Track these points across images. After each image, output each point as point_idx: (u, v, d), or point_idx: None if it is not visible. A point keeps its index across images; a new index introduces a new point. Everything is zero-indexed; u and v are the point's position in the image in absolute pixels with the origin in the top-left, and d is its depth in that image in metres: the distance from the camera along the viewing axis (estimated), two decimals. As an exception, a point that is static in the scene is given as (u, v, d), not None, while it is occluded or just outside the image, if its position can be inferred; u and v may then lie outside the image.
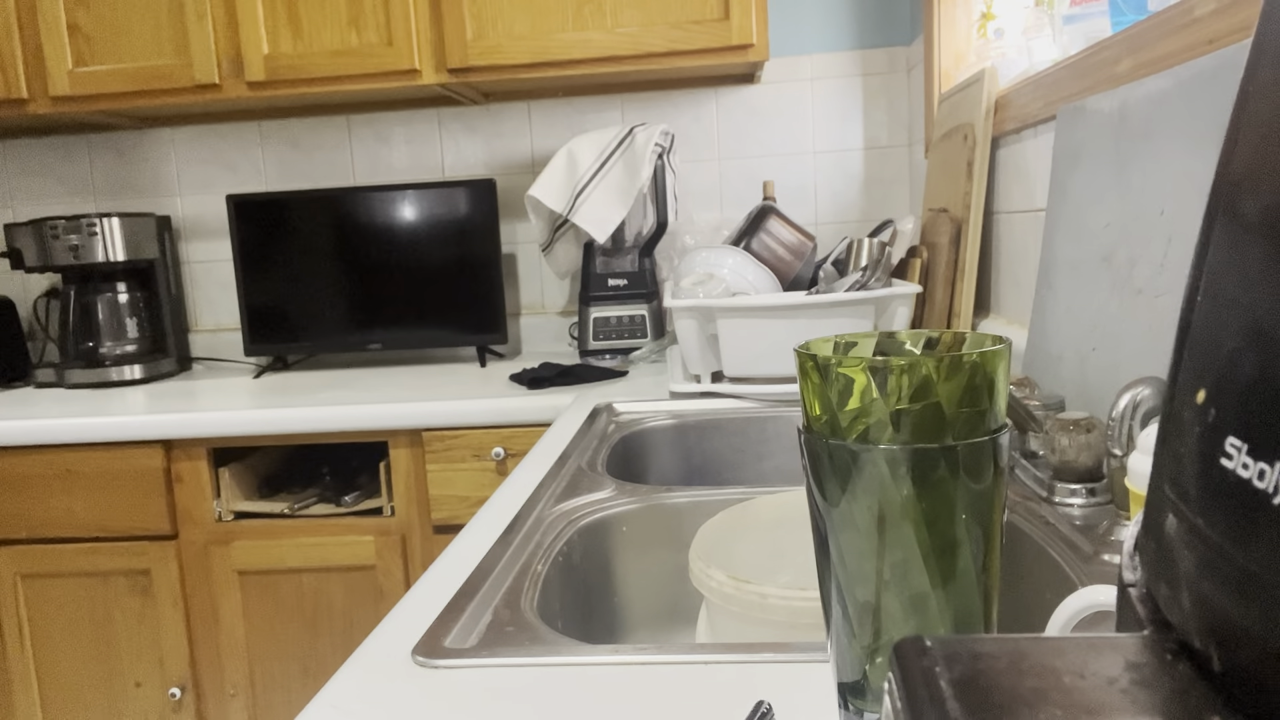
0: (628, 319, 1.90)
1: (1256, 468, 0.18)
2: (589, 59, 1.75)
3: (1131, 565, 0.25)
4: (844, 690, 0.40)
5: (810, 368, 0.37)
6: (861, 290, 1.31)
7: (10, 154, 2.21)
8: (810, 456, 0.38)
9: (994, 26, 1.49)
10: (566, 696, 0.53)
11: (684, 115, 2.07)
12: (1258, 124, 0.20)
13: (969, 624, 0.37)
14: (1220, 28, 0.73)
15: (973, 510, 0.36)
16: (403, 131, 2.13)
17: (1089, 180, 0.96)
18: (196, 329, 2.24)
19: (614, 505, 0.91)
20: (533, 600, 0.69)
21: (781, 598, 0.60)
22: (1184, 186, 0.77)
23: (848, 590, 0.38)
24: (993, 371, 0.36)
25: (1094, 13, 1.07)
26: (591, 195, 1.79)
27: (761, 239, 1.56)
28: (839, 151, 2.05)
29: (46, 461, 1.61)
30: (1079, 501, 0.76)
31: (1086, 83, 1.01)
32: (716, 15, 1.72)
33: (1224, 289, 0.21)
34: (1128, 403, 0.68)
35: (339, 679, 0.57)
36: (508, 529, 0.82)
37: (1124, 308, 0.85)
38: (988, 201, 1.39)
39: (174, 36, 1.82)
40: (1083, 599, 0.43)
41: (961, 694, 0.20)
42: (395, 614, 0.66)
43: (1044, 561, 0.71)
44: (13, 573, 1.65)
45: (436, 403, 1.56)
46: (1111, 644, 0.22)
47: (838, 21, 2.01)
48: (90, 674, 1.68)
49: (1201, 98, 0.75)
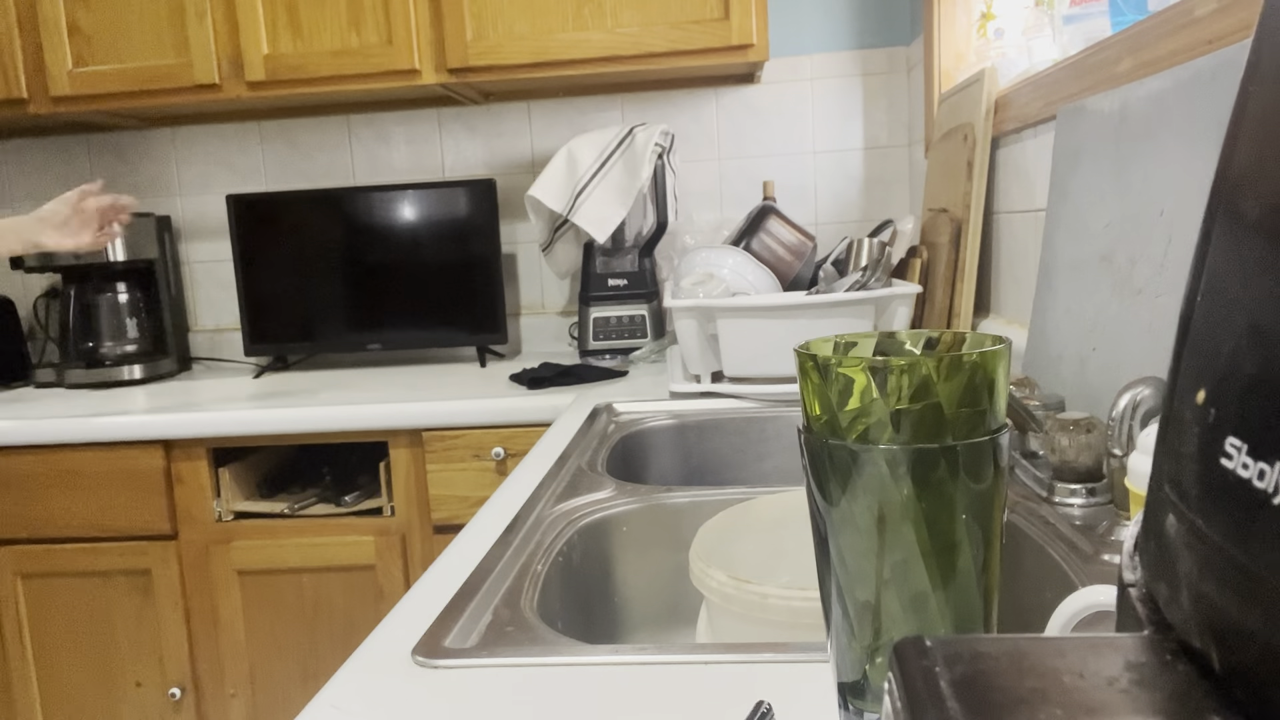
0: (628, 319, 1.90)
1: (1256, 468, 0.18)
2: (589, 59, 1.75)
3: (1131, 565, 0.25)
4: (844, 690, 0.40)
5: (810, 368, 0.37)
6: (861, 290, 1.31)
7: (10, 154, 2.21)
8: (810, 456, 0.38)
9: (994, 26, 1.49)
10: (566, 696, 0.53)
11: (684, 115, 2.07)
12: (1258, 124, 0.20)
13: (969, 624, 0.37)
14: (1220, 28, 0.73)
15: (973, 510, 0.36)
16: (403, 131, 2.13)
17: (1089, 180, 0.96)
18: (196, 329, 2.24)
19: (614, 505, 0.91)
20: (533, 600, 0.69)
21: (781, 598, 0.60)
22: (1184, 186, 0.77)
23: (848, 590, 0.38)
24: (993, 371, 0.36)
25: (1094, 13, 1.07)
26: (591, 195, 1.79)
27: (761, 239, 1.56)
28: (839, 151, 2.05)
29: (46, 461, 1.61)
30: (1079, 501, 0.76)
31: (1086, 83, 1.01)
32: (716, 15, 1.72)
33: (1224, 289, 0.21)
34: (1128, 403, 0.68)
35: (339, 679, 0.57)
36: (508, 529, 0.82)
37: (1124, 308, 0.85)
38: (988, 201, 1.39)
39: (174, 37, 1.82)
40: (1083, 599, 0.43)
41: (961, 694, 0.20)
42: (395, 614, 0.66)
43: (1044, 561, 0.71)
44: (13, 573, 1.65)
45: (436, 403, 1.56)
46: (1111, 644, 0.22)
47: (837, 21, 2.01)
48: (90, 674, 1.68)
49: (1201, 98, 0.75)
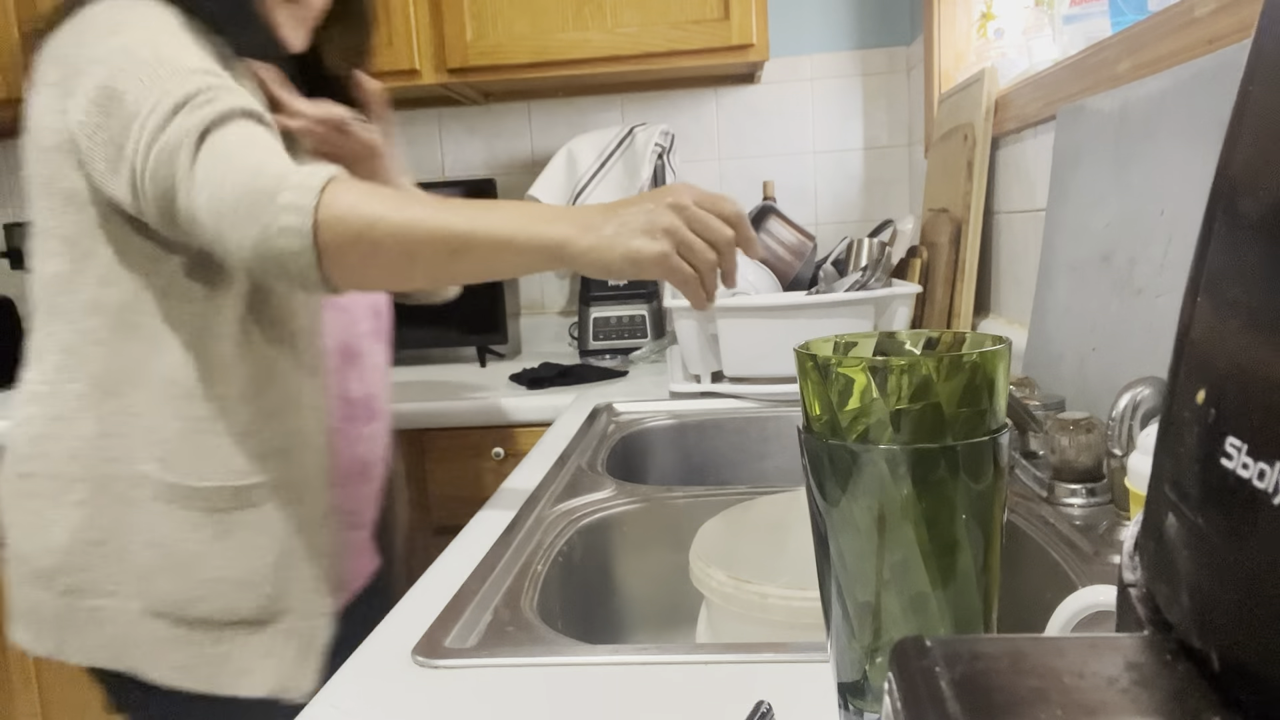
0: (628, 319, 1.90)
1: (1256, 468, 0.18)
2: (589, 59, 1.75)
3: (1131, 565, 0.25)
4: (844, 690, 0.40)
5: (810, 368, 0.37)
6: (861, 290, 1.31)
7: (10, 154, 2.21)
8: (810, 456, 0.38)
9: (994, 26, 1.49)
10: (566, 696, 0.53)
11: (684, 115, 2.07)
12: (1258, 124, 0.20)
13: (969, 624, 0.37)
14: (1220, 28, 0.73)
15: (973, 510, 0.36)
16: (403, 131, 2.13)
17: (1089, 180, 0.96)
18: (196, 329, 2.23)
19: (614, 505, 0.91)
20: (533, 600, 0.69)
21: (781, 598, 0.60)
22: (1184, 186, 0.77)
23: (848, 590, 0.38)
24: (993, 371, 0.36)
25: (1094, 13, 1.07)
26: (591, 195, 1.79)
27: (761, 239, 1.56)
28: (839, 151, 2.05)
29: (46, 461, 1.61)
30: (1079, 501, 0.76)
31: (1086, 83, 1.01)
32: (716, 15, 1.72)
33: (1224, 289, 0.21)
34: (1128, 403, 0.68)
35: (339, 679, 0.57)
36: (508, 529, 0.82)
37: (1124, 308, 0.85)
38: (988, 201, 1.39)
39: (174, 36, 1.82)
40: (1083, 599, 0.43)
41: (961, 694, 0.20)
42: (395, 614, 0.66)
43: (1044, 561, 0.71)
44: (13, 573, 1.65)
45: (436, 403, 1.56)
46: (1111, 644, 0.22)
47: (837, 21, 2.01)
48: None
49: (1201, 98, 0.75)
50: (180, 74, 0.78)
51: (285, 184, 0.72)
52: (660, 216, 0.72)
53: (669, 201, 0.73)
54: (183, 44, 0.81)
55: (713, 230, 0.73)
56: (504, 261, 0.75)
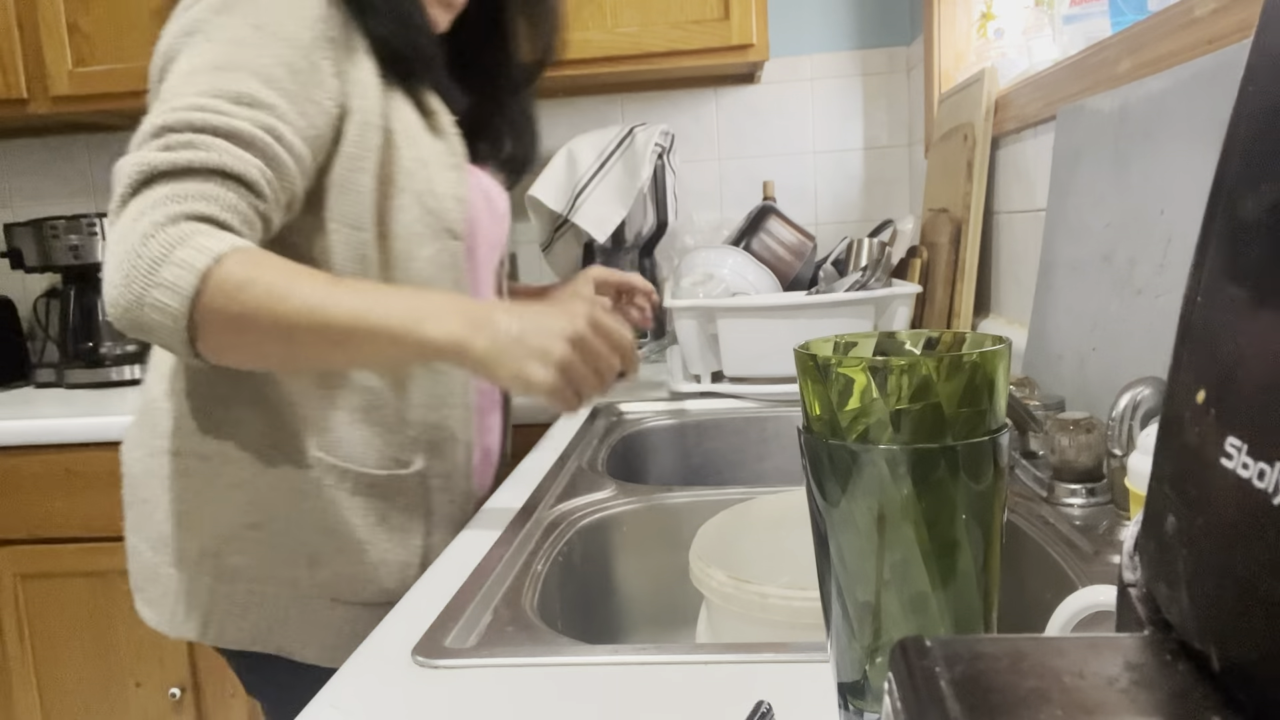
0: (628, 319, 1.90)
1: (1256, 468, 0.18)
2: (589, 59, 1.75)
3: (1131, 565, 0.25)
4: (844, 690, 0.40)
5: (810, 368, 0.37)
6: (861, 290, 1.31)
7: (10, 154, 2.21)
8: (810, 456, 0.38)
9: (994, 26, 1.49)
10: (567, 696, 0.53)
11: (684, 115, 2.07)
12: (1258, 124, 0.20)
13: (969, 624, 0.37)
14: (1220, 28, 0.73)
15: (973, 510, 0.36)
16: (403, 131, 2.12)
17: (1089, 180, 0.96)
18: (196, 329, 2.23)
19: (614, 505, 0.91)
20: (533, 600, 0.69)
21: (781, 598, 0.60)
22: (1184, 186, 0.77)
23: (848, 590, 0.38)
24: (993, 371, 0.36)
25: (1094, 13, 1.07)
26: (591, 195, 1.79)
27: (761, 239, 1.56)
28: (839, 151, 2.05)
29: (46, 461, 1.61)
30: (1079, 501, 0.76)
31: (1086, 83, 1.01)
32: (716, 15, 1.72)
33: (1224, 289, 0.21)
34: (1128, 403, 0.68)
35: (339, 679, 0.57)
36: (508, 529, 0.82)
37: (1124, 308, 0.85)
38: (988, 201, 1.39)
39: (174, 36, 1.82)
40: (1083, 599, 0.43)
41: (961, 694, 0.20)
42: (395, 614, 0.66)
43: (1044, 561, 0.71)
44: (13, 573, 1.65)
45: (436, 403, 1.56)
46: (1111, 644, 0.22)
47: (837, 22, 2.01)
48: (90, 674, 1.67)
49: (1201, 98, 0.75)
50: (200, 94, 0.75)
51: (170, 258, 0.70)
52: (557, 345, 0.75)
53: (570, 333, 0.75)
54: (260, 50, 0.78)
55: (602, 362, 0.78)
56: (388, 356, 0.77)
